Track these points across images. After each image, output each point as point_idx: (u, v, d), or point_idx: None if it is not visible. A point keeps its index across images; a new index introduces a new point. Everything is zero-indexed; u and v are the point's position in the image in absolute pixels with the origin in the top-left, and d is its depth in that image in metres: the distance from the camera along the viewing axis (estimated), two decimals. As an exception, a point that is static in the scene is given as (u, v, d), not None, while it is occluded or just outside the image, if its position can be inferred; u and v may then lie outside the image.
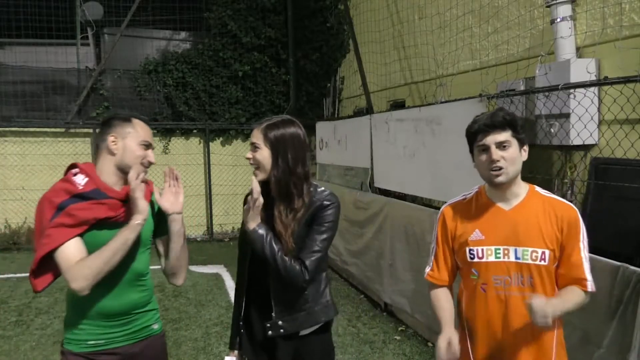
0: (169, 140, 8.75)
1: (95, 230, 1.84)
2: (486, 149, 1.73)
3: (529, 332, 1.73)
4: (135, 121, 1.94)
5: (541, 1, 4.05)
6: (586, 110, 3.34)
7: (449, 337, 1.71)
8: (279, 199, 1.91)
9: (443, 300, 1.88)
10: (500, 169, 1.70)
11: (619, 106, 3.15)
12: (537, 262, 1.71)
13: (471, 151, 1.83)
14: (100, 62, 8.61)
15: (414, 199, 4.94)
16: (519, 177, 1.79)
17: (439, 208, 4.33)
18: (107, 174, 1.90)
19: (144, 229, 1.94)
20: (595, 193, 3.38)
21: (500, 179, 1.72)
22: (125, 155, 1.90)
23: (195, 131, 8.84)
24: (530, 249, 1.72)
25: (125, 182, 1.91)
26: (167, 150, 8.74)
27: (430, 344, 4.22)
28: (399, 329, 4.60)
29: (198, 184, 8.83)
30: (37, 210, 1.85)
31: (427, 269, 1.95)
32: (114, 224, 1.86)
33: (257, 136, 1.92)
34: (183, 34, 9.31)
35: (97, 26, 8.68)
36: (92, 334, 1.90)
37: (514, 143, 1.72)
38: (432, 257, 1.94)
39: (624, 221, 3.11)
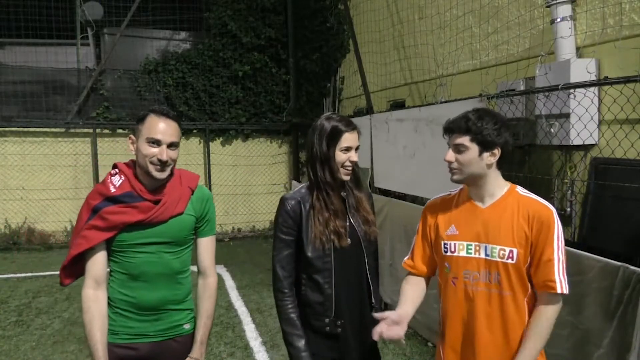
0: (169, 140, 8.75)
1: (125, 232, 1.89)
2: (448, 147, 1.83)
3: (495, 326, 1.76)
4: (149, 118, 1.89)
5: (541, 1, 4.05)
6: (586, 110, 3.34)
7: (396, 314, 1.79)
8: (357, 186, 2.08)
9: (407, 285, 1.98)
10: (452, 169, 1.80)
11: (619, 106, 3.15)
12: (505, 260, 1.74)
13: None
14: (100, 62, 8.61)
15: (414, 199, 4.94)
16: (497, 176, 1.82)
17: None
18: (140, 175, 1.93)
19: (181, 229, 1.96)
20: (595, 193, 3.38)
21: (454, 177, 1.82)
22: (139, 157, 1.90)
23: (195, 131, 8.83)
24: (498, 247, 1.75)
25: (157, 183, 1.92)
26: (167, 150, 8.74)
27: (430, 344, 4.22)
28: (399, 329, 4.59)
29: (198, 184, 8.82)
30: (80, 211, 1.95)
31: (405, 258, 2.04)
32: (146, 224, 1.89)
33: (357, 139, 2.02)
34: (183, 34, 9.31)
35: (97, 26, 8.69)
36: (123, 327, 1.94)
37: (473, 147, 1.76)
38: (412, 247, 2.02)
39: (624, 221, 3.11)
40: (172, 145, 1.89)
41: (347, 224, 2.01)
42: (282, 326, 1.99)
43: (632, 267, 2.39)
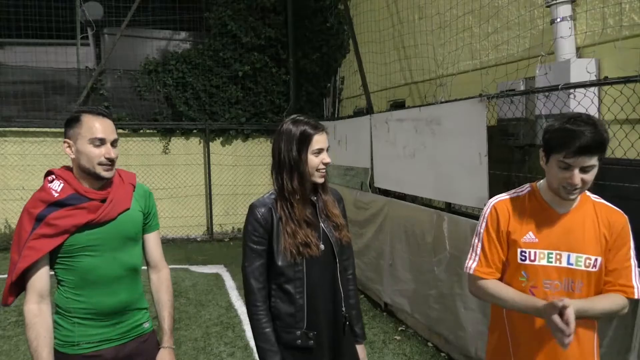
0: (169, 140, 8.75)
1: (76, 234, 1.83)
2: (567, 167, 1.64)
3: (573, 337, 1.72)
4: (85, 119, 1.83)
5: (541, 1, 4.05)
6: (586, 110, 3.34)
7: (557, 306, 1.53)
8: (324, 190, 2.02)
9: (502, 285, 1.78)
10: (575, 190, 1.66)
11: (619, 106, 3.15)
12: (589, 269, 1.71)
13: (544, 151, 1.73)
14: (100, 62, 8.62)
15: (414, 199, 4.93)
16: None
17: (439, 208, 4.35)
18: (80, 178, 1.89)
19: (131, 225, 1.95)
20: (595, 193, 3.38)
21: (572, 197, 1.70)
22: (82, 159, 1.84)
23: (195, 131, 8.84)
24: (584, 256, 1.71)
25: (101, 183, 1.89)
26: (167, 150, 8.74)
27: (430, 344, 4.22)
28: (399, 329, 4.60)
29: (198, 184, 8.83)
30: (18, 222, 1.84)
31: (473, 264, 1.84)
32: (96, 224, 1.85)
33: (327, 139, 1.99)
34: (183, 34, 9.32)
35: (97, 26, 8.69)
36: (83, 336, 1.87)
37: (597, 164, 1.64)
38: (479, 251, 1.84)
39: (624, 221, 3.11)
40: (114, 143, 1.89)
41: (320, 230, 1.94)
42: (256, 342, 1.90)
43: (632, 267, 2.39)
